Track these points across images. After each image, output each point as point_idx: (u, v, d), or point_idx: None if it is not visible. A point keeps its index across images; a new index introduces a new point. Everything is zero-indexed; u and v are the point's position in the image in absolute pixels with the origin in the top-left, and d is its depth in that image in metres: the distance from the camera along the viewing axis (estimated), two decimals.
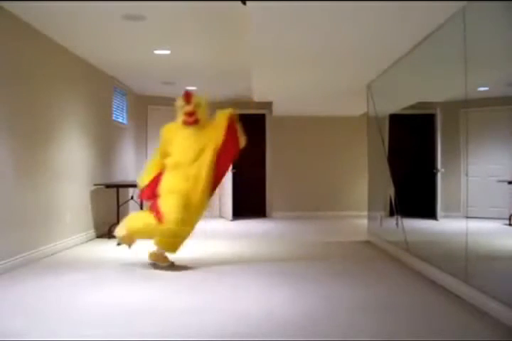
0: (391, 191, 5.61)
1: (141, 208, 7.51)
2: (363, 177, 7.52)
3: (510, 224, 3.44)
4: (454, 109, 3.99)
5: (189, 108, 4.50)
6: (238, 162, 9.46)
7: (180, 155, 4.56)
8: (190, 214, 4.46)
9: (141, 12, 4.50)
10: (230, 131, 4.62)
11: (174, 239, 4.40)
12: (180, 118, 4.59)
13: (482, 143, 3.70)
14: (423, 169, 4.70)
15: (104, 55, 6.17)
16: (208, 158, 4.54)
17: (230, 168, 5.07)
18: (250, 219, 9.24)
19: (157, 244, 4.45)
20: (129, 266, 4.70)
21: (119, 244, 4.80)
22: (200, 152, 4.55)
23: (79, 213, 6.16)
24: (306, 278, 4.19)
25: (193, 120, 4.53)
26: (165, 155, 4.67)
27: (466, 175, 3.61)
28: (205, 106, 4.65)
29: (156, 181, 4.62)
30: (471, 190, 3.58)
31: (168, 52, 5.95)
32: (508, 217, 3.44)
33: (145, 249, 5.81)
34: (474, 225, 3.54)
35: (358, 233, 6.97)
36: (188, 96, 4.55)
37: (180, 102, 4.60)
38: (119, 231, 4.65)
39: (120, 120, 8.08)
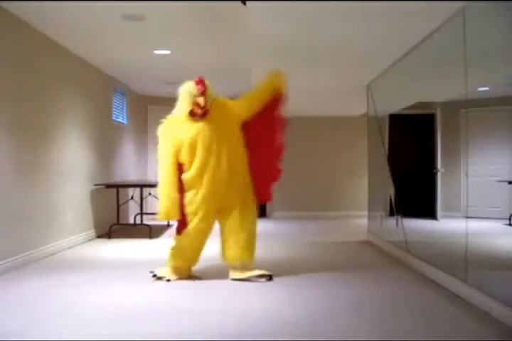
0: (391, 191, 5.61)
1: (141, 208, 7.52)
2: (363, 177, 7.52)
3: (510, 224, 3.43)
4: (454, 109, 3.99)
5: (203, 100, 3.94)
6: None
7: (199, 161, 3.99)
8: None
9: (141, 12, 4.50)
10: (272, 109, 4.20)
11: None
12: (187, 108, 4.00)
13: (482, 143, 3.70)
14: (423, 169, 4.70)
15: (104, 55, 6.17)
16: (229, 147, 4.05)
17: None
18: None
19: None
20: (130, 267, 4.70)
21: (159, 278, 4.12)
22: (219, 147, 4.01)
23: (79, 213, 6.16)
24: (306, 278, 4.18)
25: (203, 112, 4.00)
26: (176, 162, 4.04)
27: (466, 175, 3.61)
28: (212, 94, 4.09)
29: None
30: (471, 190, 3.58)
31: (168, 52, 5.95)
32: (508, 217, 3.44)
33: (144, 248, 5.82)
34: (474, 225, 3.54)
35: (358, 233, 6.96)
36: (204, 88, 3.95)
37: (192, 90, 3.96)
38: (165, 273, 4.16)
39: (120, 120, 8.08)
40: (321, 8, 3.72)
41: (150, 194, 8.15)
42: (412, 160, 5.23)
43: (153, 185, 6.91)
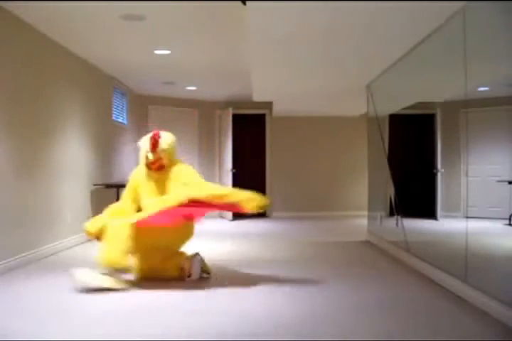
0: (391, 191, 5.61)
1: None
2: (363, 177, 7.53)
3: (510, 224, 3.43)
4: (454, 109, 3.99)
5: (152, 157, 4.15)
6: (238, 162, 9.51)
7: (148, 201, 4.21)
8: None
9: (141, 12, 4.50)
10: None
11: None
12: (142, 160, 4.28)
13: (482, 143, 3.69)
14: (423, 169, 4.70)
15: (104, 55, 6.17)
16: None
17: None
18: (250, 219, 9.24)
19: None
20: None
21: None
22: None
23: (79, 213, 6.16)
24: (306, 278, 4.19)
25: (156, 167, 4.20)
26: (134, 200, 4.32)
27: (466, 175, 3.61)
28: (173, 149, 4.26)
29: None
30: (471, 190, 3.58)
31: (168, 52, 5.96)
32: (508, 217, 3.43)
33: None
34: (474, 225, 3.54)
35: (358, 233, 6.97)
36: (154, 145, 4.15)
37: (145, 145, 4.22)
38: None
39: (120, 120, 8.08)
40: (321, 9, 3.73)
41: None
42: (412, 160, 5.23)
43: None
